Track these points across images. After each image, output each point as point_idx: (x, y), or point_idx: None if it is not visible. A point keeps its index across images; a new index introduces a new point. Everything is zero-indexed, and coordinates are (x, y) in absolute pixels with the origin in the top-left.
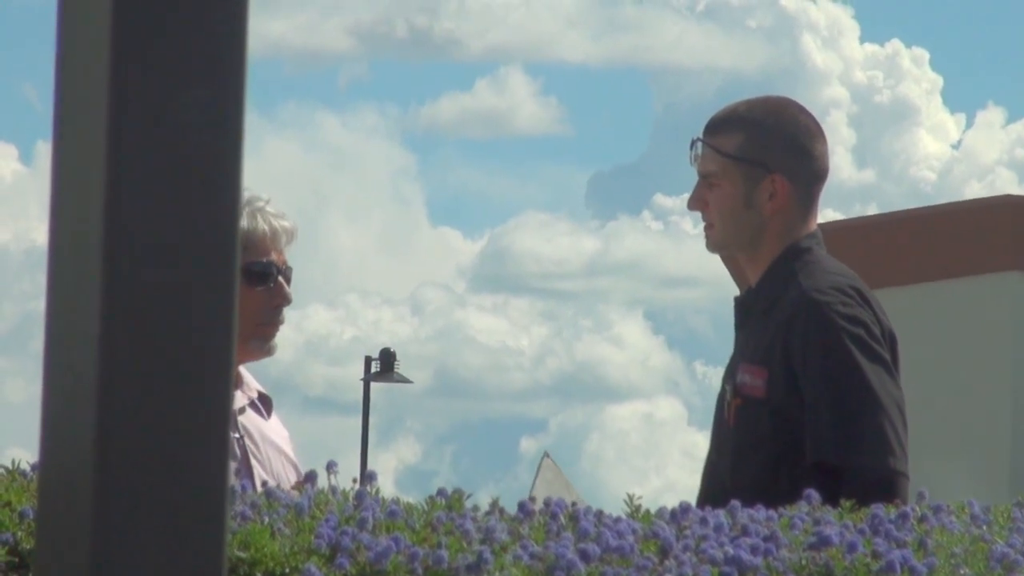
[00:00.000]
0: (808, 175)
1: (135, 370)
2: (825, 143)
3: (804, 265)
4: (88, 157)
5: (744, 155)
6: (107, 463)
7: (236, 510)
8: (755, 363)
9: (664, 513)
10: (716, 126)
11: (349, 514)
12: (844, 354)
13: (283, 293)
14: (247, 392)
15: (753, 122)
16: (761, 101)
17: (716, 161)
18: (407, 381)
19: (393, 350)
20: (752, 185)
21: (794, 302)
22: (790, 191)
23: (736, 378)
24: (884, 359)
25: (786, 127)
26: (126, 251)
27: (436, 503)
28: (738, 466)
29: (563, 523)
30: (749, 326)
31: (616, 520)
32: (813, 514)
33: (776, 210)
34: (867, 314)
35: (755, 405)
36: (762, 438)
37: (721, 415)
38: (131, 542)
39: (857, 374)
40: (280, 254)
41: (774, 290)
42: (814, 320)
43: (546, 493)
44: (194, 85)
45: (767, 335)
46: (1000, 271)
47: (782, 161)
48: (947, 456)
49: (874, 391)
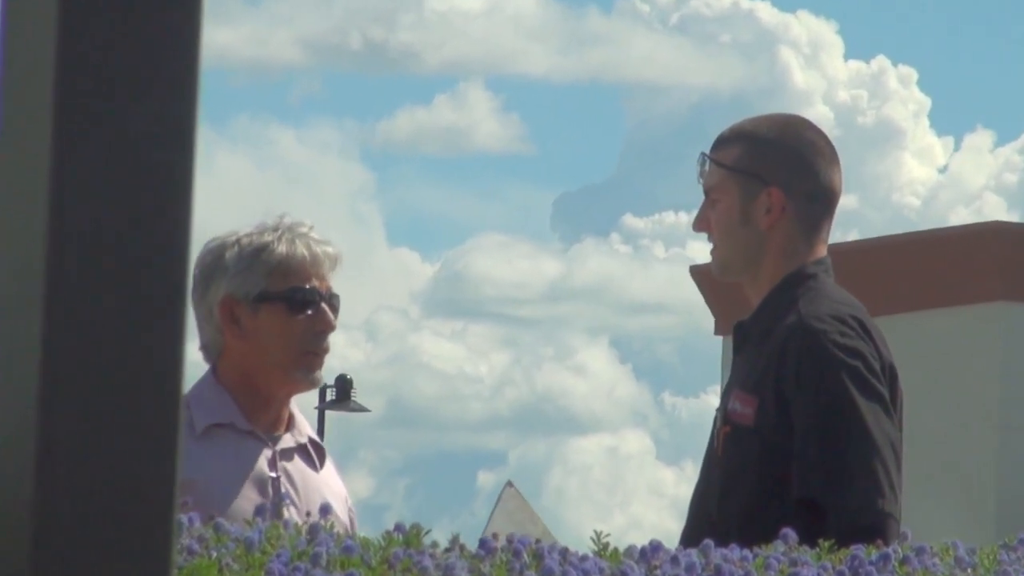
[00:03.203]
0: (809, 192)
1: (79, 395)
2: (836, 165)
3: (807, 291)
4: (32, 173)
5: (740, 166)
6: (45, 491)
7: (182, 544)
8: (746, 390)
9: (633, 552)
10: (720, 140)
11: (302, 549)
12: (838, 387)
13: (326, 319)
14: (297, 436)
15: (753, 135)
16: (768, 116)
17: (715, 175)
18: (364, 410)
19: (349, 377)
20: (749, 199)
21: (790, 329)
22: (787, 206)
23: (728, 405)
24: (881, 395)
25: (787, 140)
26: (72, 272)
27: (393, 539)
28: (725, 496)
29: (527, 561)
30: (745, 352)
31: (583, 559)
32: (790, 554)
33: (772, 225)
34: (867, 347)
35: (744, 434)
36: (749, 468)
37: (712, 443)
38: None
39: (850, 409)
40: (323, 280)
41: (773, 316)
42: (809, 349)
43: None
44: (145, 97)
45: (761, 362)
46: (987, 301)
47: (779, 174)
48: (930, 495)
49: (867, 428)
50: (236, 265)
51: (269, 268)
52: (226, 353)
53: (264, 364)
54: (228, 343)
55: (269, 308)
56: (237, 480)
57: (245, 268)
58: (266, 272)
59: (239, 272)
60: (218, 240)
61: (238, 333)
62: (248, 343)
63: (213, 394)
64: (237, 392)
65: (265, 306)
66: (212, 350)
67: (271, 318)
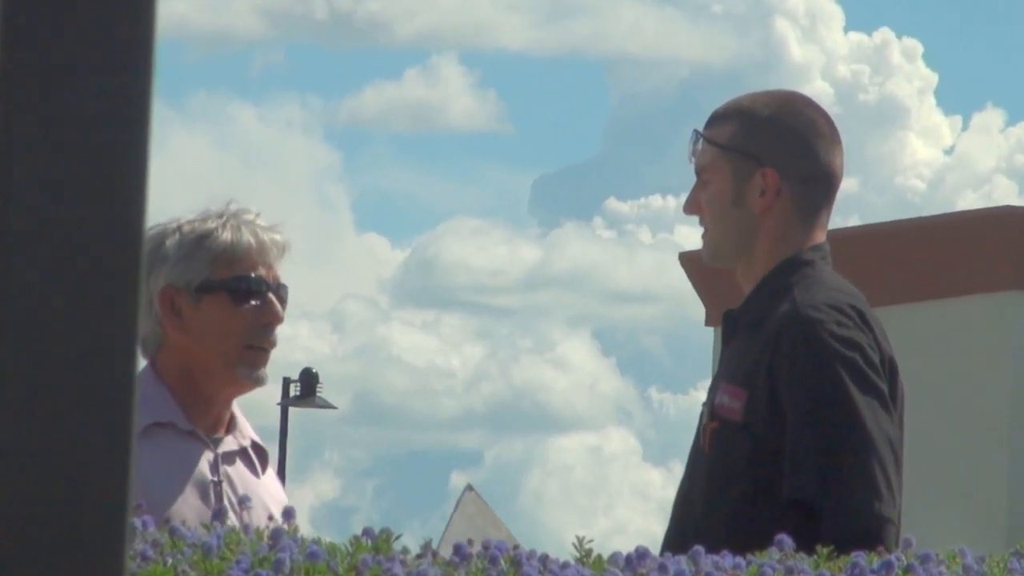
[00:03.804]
0: (808, 173)
1: (25, 386)
2: (837, 147)
3: (802, 279)
4: None
5: (733, 145)
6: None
7: (136, 549)
8: (735, 383)
9: (618, 559)
10: (713, 118)
11: (263, 555)
12: (834, 380)
13: (274, 311)
14: (239, 438)
15: (749, 112)
16: (767, 92)
17: (708, 153)
18: (331, 407)
19: (315, 371)
20: (742, 180)
21: (783, 318)
22: (783, 188)
23: (715, 399)
24: (879, 389)
25: (785, 118)
26: (18, 262)
27: (361, 544)
28: (712, 498)
29: (504, 568)
30: (735, 342)
31: (563, 566)
32: (785, 562)
33: (766, 208)
34: (865, 338)
35: (733, 430)
36: (738, 467)
37: (698, 439)
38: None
39: (846, 404)
40: (270, 269)
41: (765, 304)
42: (803, 340)
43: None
44: (96, 72)
45: (751, 353)
46: (997, 291)
47: (774, 154)
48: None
49: (864, 425)
50: (177, 253)
51: (212, 256)
52: (166, 347)
53: (206, 359)
54: (168, 336)
55: (212, 298)
56: (178, 483)
57: (186, 256)
58: (209, 260)
59: (180, 260)
60: (159, 227)
61: (179, 325)
62: (189, 336)
63: (153, 391)
64: (177, 389)
65: (207, 296)
66: (151, 344)
67: (214, 309)
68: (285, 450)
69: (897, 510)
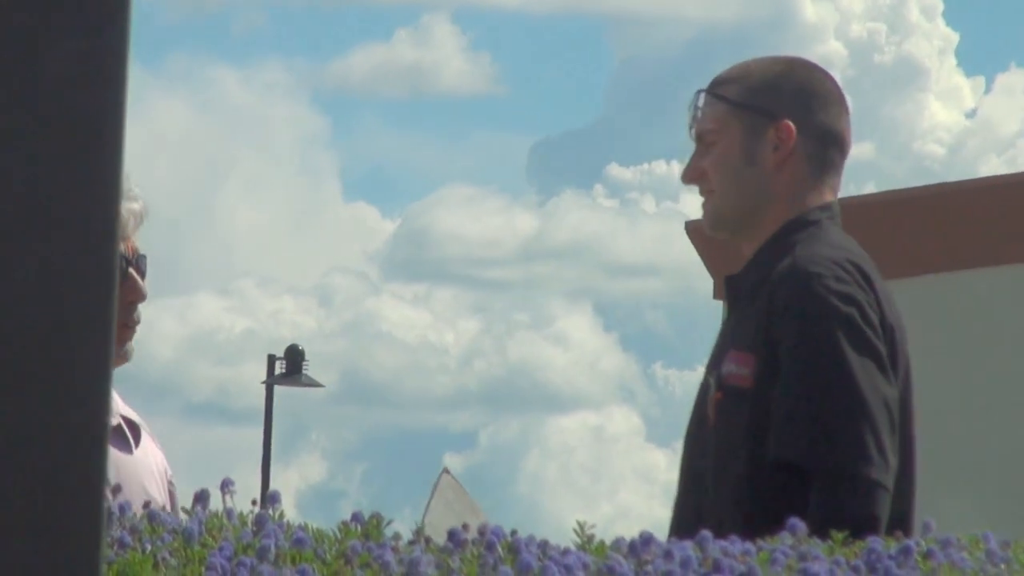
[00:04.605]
0: (821, 130)
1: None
2: (846, 113)
3: (807, 237)
4: None
5: (746, 100)
6: None
7: (113, 536)
8: (741, 349)
9: (621, 545)
10: (717, 81)
11: (247, 542)
12: (827, 336)
13: (136, 288)
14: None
15: (759, 71)
16: (773, 56)
17: (715, 114)
18: (317, 385)
19: (301, 347)
20: (755, 137)
21: (782, 273)
22: (798, 141)
23: (722, 368)
24: (876, 349)
25: (797, 76)
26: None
27: (350, 530)
28: (722, 471)
29: (501, 555)
30: (738, 308)
31: (564, 552)
32: (798, 547)
33: (780, 164)
34: (865, 296)
35: (742, 397)
36: (744, 437)
37: (703, 412)
38: None
39: (839, 361)
40: (128, 241)
41: (768, 266)
42: (798, 293)
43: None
44: (67, 33)
45: (754, 316)
46: (1021, 262)
47: (790, 107)
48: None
49: (857, 384)
50: None
51: None
52: None
53: None
54: None
55: None
56: None
57: None
58: None
59: None
60: None
61: None
62: None
63: None
64: None
65: None
66: None
67: None
68: (270, 431)
69: (891, 475)
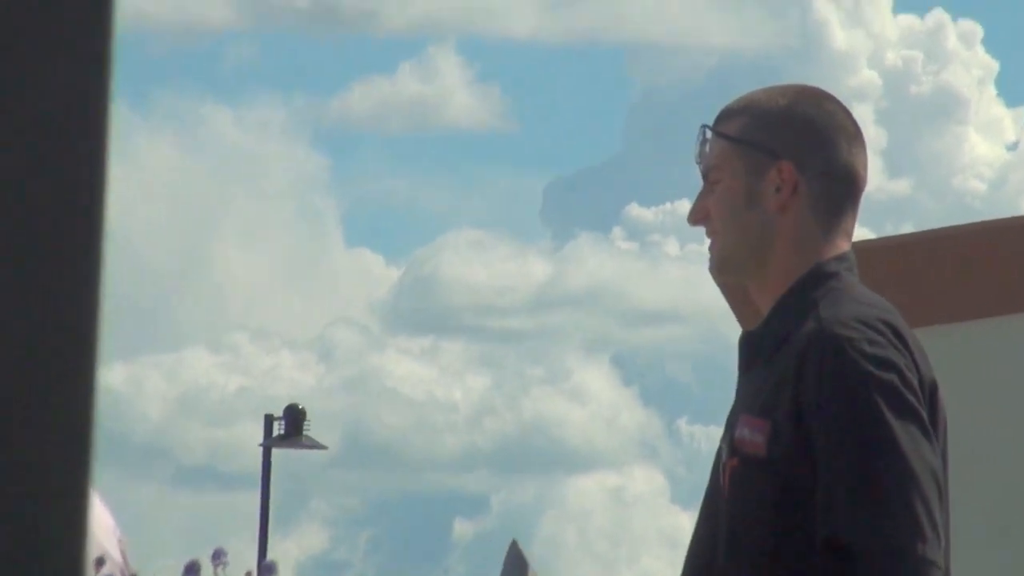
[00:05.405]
0: (829, 171)
1: None
2: (860, 146)
3: (827, 292)
4: None
5: (745, 137)
6: None
7: None
8: (757, 414)
9: None
10: (723, 113)
11: None
12: (868, 406)
13: None
14: None
15: (762, 104)
16: (783, 85)
17: (717, 150)
18: (320, 447)
19: (302, 407)
20: (756, 177)
21: (808, 337)
22: (800, 184)
23: (734, 433)
24: (919, 415)
25: (801, 109)
26: None
27: None
28: (734, 544)
29: None
30: (755, 369)
31: None
32: None
33: (782, 207)
34: (901, 357)
35: (755, 466)
36: (764, 508)
37: (717, 480)
38: None
39: (883, 432)
40: None
41: (787, 323)
42: (832, 361)
43: None
44: (47, 69)
45: (773, 379)
46: None
47: (792, 147)
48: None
49: (903, 455)
50: None
51: None
52: None
53: None
54: None
55: None
56: None
57: None
58: None
59: None
60: None
61: None
62: None
63: None
64: None
65: None
66: None
67: None
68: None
69: (942, 552)
